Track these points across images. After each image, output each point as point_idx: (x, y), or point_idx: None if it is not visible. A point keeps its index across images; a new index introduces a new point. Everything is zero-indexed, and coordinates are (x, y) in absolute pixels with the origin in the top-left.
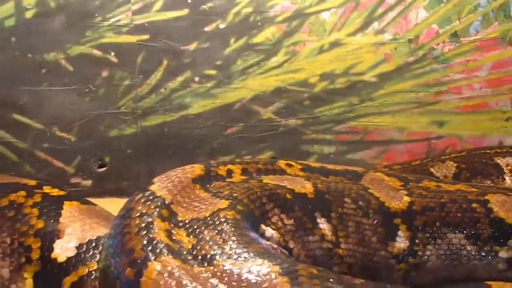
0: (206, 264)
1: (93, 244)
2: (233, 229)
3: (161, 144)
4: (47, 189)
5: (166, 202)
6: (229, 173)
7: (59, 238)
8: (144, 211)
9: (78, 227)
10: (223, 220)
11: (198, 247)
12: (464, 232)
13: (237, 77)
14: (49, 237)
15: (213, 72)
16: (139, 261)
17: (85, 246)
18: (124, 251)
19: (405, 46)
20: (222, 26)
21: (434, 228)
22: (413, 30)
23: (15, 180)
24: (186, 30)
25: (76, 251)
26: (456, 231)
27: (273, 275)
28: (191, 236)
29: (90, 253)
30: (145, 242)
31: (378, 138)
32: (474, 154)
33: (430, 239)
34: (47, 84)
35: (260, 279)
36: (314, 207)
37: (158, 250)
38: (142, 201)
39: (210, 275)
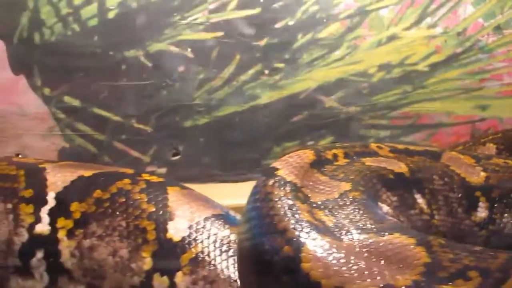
0: (351, 240)
1: (202, 224)
2: (364, 207)
3: (231, 133)
4: (146, 177)
5: (298, 186)
6: (335, 157)
7: (171, 220)
8: (282, 195)
9: (186, 210)
10: (352, 200)
11: (340, 225)
12: None
13: (303, 69)
14: (161, 219)
15: (281, 65)
16: (294, 239)
17: (195, 226)
18: (277, 231)
19: (454, 39)
20: (290, 23)
21: (509, 199)
22: (461, 24)
23: (112, 169)
24: (257, 27)
25: (188, 231)
26: None
27: (411, 246)
28: (329, 216)
29: (201, 233)
30: (294, 222)
31: (428, 122)
32: (509, 135)
33: (506, 209)
34: (126, 80)
35: (400, 250)
36: (411, 185)
37: (309, 229)
38: (277, 185)
39: (358, 249)
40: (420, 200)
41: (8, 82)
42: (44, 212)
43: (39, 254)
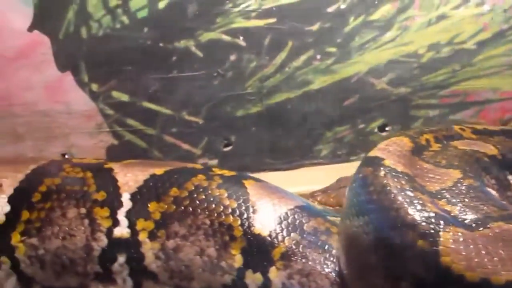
0: (482, 229)
1: (288, 217)
2: (482, 194)
3: (283, 120)
4: (218, 171)
5: (411, 176)
6: (428, 142)
7: (255, 214)
8: (400, 186)
9: (268, 203)
10: (468, 187)
11: (466, 214)
12: None
13: (354, 52)
14: (246, 214)
15: (333, 49)
16: (428, 232)
17: (281, 219)
18: (407, 224)
19: (500, 16)
20: (342, 6)
21: None
22: (508, 1)
23: (181, 165)
24: (310, 12)
25: (275, 225)
26: None
27: None
28: (451, 205)
29: (289, 225)
30: (424, 214)
31: (476, 99)
32: None
33: None
34: (177, 71)
35: None
36: (504, 167)
37: (440, 220)
38: (390, 176)
39: (492, 238)
40: None
41: (54, 80)
42: (121, 215)
43: (121, 259)
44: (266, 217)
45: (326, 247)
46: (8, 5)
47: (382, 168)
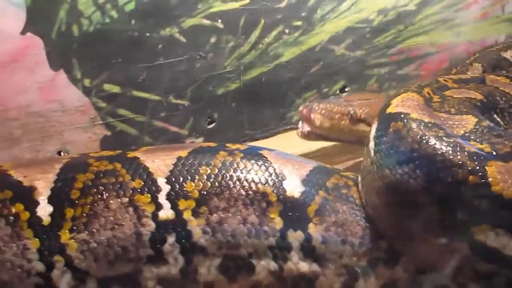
0: (509, 160)
1: (312, 177)
2: (501, 131)
3: (259, 92)
4: (233, 146)
5: (438, 124)
6: (429, 95)
7: (284, 179)
8: (436, 134)
9: (290, 168)
10: (487, 128)
11: (498, 150)
12: None
13: (317, 23)
14: (276, 181)
15: (299, 23)
16: (476, 168)
17: (306, 180)
18: (456, 165)
19: None
20: None
21: None
22: None
23: (197, 146)
24: None
25: (303, 186)
26: None
27: None
28: (481, 144)
29: (315, 185)
30: (467, 154)
31: (418, 54)
32: (485, 53)
33: None
34: (163, 58)
35: None
36: (489, 108)
37: (481, 158)
38: (423, 127)
39: None
40: (498, 119)
41: (48, 80)
42: (162, 198)
43: (171, 239)
44: (294, 181)
45: (350, 199)
46: (1, 10)
47: (412, 121)
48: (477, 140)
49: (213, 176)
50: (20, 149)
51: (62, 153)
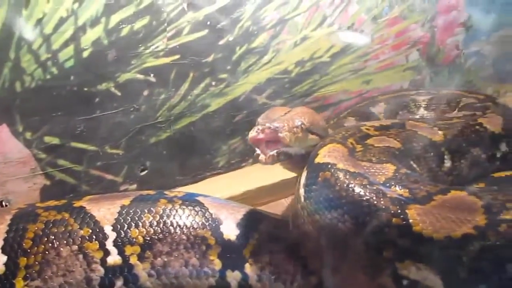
0: (431, 202)
1: (246, 221)
2: (418, 177)
3: (188, 141)
4: (171, 193)
5: (362, 173)
6: (353, 145)
7: (221, 224)
8: (361, 183)
9: (225, 212)
10: (404, 174)
11: (415, 193)
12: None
13: (241, 75)
14: (213, 225)
15: (225, 75)
16: (398, 211)
17: (241, 223)
18: (380, 209)
19: (345, 33)
20: (231, 39)
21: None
22: (350, 20)
23: (136, 194)
24: (206, 47)
25: (238, 229)
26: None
27: (467, 196)
28: (401, 189)
29: (249, 227)
30: (389, 199)
31: (332, 101)
32: (356, 108)
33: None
34: (100, 111)
35: (463, 200)
36: (406, 155)
37: (402, 202)
38: (349, 176)
39: (441, 206)
40: (414, 165)
41: None
42: (109, 245)
43: (119, 283)
44: (230, 225)
45: (281, 239)
46: None
47: (339, 171)
48: (397, 186)
49: (155, 222)
50: None
51: (3, 203)
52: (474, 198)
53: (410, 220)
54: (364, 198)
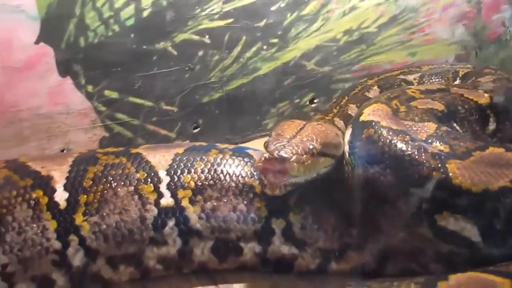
0: (469, 157)
1: None
2: (458, 135)
3: (239, 101)
4: (222, 145)
5: (404, 130)
6: (397, 106)
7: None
8: (403, 139)
9: None
10: (445, 132)
11: (455, 150)
12: None
13: (291, 41)
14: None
15: (275, 40)
16: (438, 166)
17: None
18: (421, 163)
19: (393, 4)
20: (282, 5)
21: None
22: None
23: (190, 144)
24: (258, 11)
25: None
26: None
27: (505, 153)
28: (441, 146)
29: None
30: (430, 154)
31: (377, 71)
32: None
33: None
34: (156, 69)
35: (501, 156)
36: (449, 117)
37: (442, 157)
38: (392, 133)
39: (478, 162)
40: (457, 127)
41: (56, 85)
42: (163, 188)
43: (170, 223)
44: None
45: (325, 192)
46: (18, 22)
47: (382, 128)
48: (438, 142)
49: (206, 170)
50: (28, 147)
51: (64, 151)
52: (511, 154)
53: (450, 174)
54: (406, 153)
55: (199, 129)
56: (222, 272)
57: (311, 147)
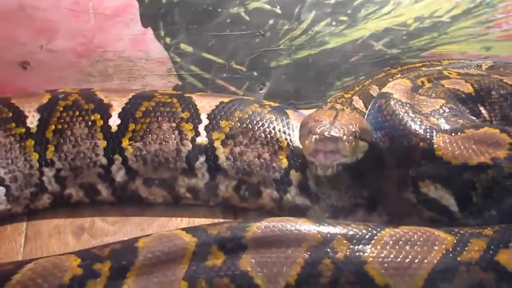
0: (460, 133)
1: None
2: (459, 113)
3: (305, 70)
4: (267, 102)
5: (411, 104)
6: (423, 83)
7: (295, 132)
8: (404, 111)
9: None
10: (450, 109)
11: (449, 125)
12: None
13: (360, 21)
14: (288, 132)
15: (345, 18)
16: (426, 137)
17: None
18: (411, 133)
19: None
20: None
21: None
22: None
23: (239, 97)
24: None
25: None
26: None
27: (498, 133)
28: (439, 120)
29: None
30: (422, 127)
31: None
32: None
33: None
34: (229, 30)
35: (493, 136)
36: (476, 100)
37: (433, 130)
38: (398, 105)
39: (467, 138)
40: (483, 111)
41: (139, 34)
42: (201, 128)
43: (202, 159)
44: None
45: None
46: None
47: (392, 99)
48: (436, 116)
49: (243, 119)
50: (110, 84)
51: None
52: (505, 135)
53: (435, 146)
54: (402, 123)
55: (265, 90)
56: (245, 210)
57: (353, 130)
